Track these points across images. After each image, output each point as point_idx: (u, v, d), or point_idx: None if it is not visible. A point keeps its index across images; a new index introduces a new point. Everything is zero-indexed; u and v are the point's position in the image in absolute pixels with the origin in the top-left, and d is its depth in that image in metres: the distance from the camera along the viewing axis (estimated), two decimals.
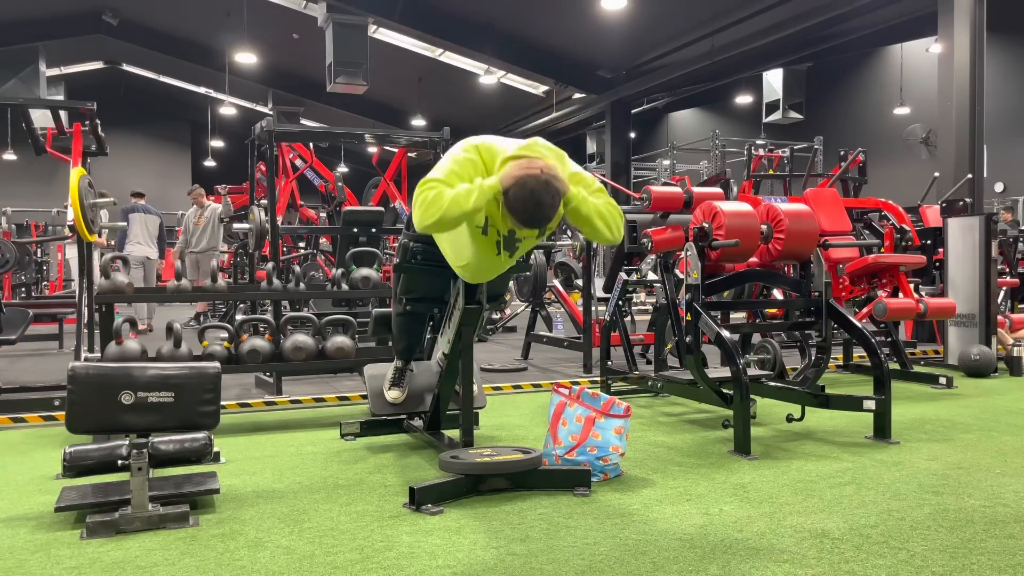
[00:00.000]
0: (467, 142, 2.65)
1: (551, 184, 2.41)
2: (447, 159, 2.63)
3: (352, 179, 9.27)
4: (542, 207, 2.41)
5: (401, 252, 3.30)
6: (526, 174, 2.39)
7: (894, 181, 13.37)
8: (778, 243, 3.91)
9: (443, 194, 2.40)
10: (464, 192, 2.41)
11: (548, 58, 14.64)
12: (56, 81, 18.03)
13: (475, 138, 2.68)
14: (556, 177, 2.44)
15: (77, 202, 4.04)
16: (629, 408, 2.99)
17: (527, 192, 2.39)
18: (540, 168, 2.41)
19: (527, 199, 2.39)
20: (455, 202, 2.39)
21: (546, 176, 2.40)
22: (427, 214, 2.40)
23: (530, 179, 2.38)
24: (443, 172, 2.52)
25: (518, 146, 2.59)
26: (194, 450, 2.63)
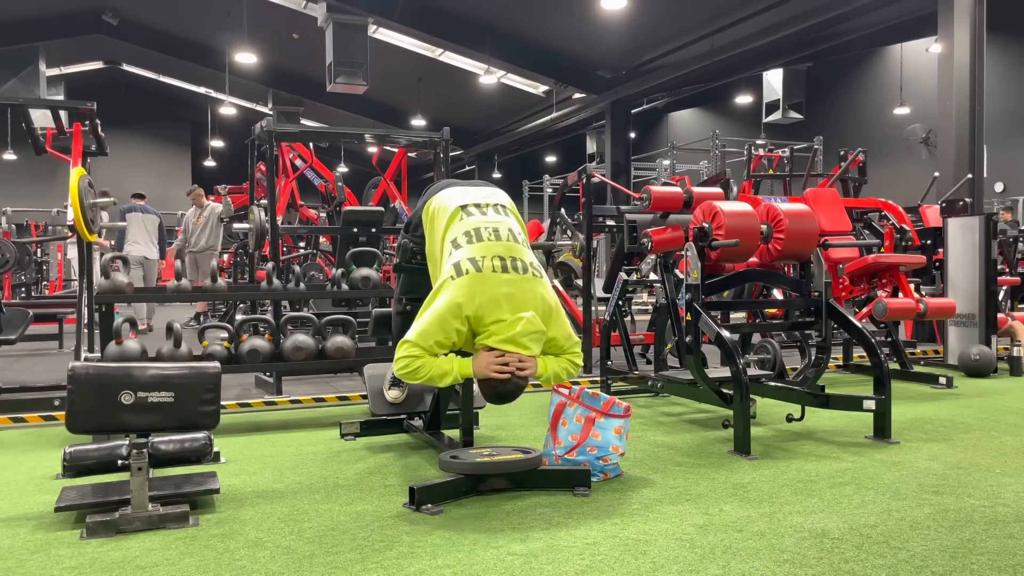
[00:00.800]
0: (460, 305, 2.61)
1: (519, 386, 2.68)
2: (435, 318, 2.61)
3: (352, 179, 9.26)
4: (505, 399, 2.72)
5: (401, 252, 3.30)
6: (496, 378, 2.62)
7: (894, 181, 13.37)
8: (778, 243, 3.91)
9: (424, 366, 2.64)
10: (440, 373, 2.67)
11: (548, 58, 14.65)
12: (56, 81, 18.04)
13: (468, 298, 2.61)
14: (524, 377, 2.66)
15: (77, 202, 4.04)
16: (629, 408, 2.99)
17: (495, 393, 2.68)
18: (512, 371, 2.62)
19: (494, 396, 2.70)
20: (431, 378, 2.67)
21: (515, 382, 2.65)
22: (406, 377, 2.67)
23: (499, 384, 2.64)
24: (426, 340, 2.61)
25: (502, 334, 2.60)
26: (194, 450, 2.63)
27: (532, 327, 2.64)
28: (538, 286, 2.72)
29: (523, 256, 2.77)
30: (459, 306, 2.61)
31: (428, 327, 2.63)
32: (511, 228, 2.85)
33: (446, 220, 2.87)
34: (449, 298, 2.63)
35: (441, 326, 2.62)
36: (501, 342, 2.61)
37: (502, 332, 2.61)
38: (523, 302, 2.66)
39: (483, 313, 2.62)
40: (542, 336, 2.69)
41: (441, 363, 2.67)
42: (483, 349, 2.65)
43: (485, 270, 2.66)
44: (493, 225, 2.82)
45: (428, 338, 2.62)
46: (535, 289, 2.70)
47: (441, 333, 2.62)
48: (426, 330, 2.63)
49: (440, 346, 2.65)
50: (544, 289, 2.74)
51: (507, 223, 2.86)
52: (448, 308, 2.62)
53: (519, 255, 2.76)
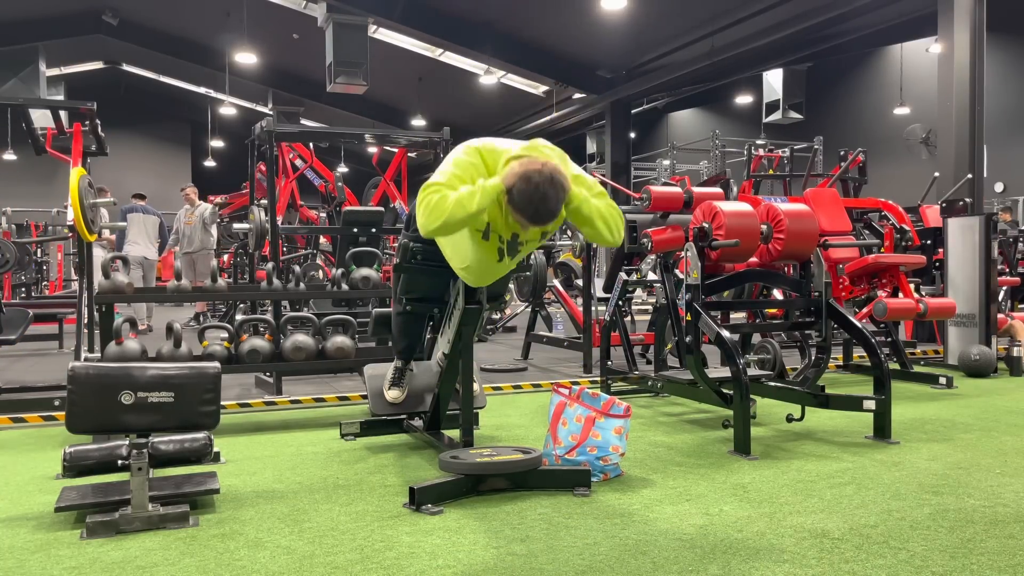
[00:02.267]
0: (467, 145, 2.64)
1: (555, 179, 2.40)
2: (448, 162, 2.61)
3: (352, 179, 9.27)
4: (547, 201, 2.40)
5: (401, 252, 3.30)
6: (530, 169, 2.39)
7: (894, 181, 13.37)
8: (778, 243, 3.91)
9: (447, 197, 2.40)
10: (467, 194, 2.40)
11: (548, 58, 14.64)
12: (56, 81, 18.04)
13: (475, 140, 2.67)
14: (560, 172, 2.44)
15: (77, 202, 4.05)
16: (629, 408, 2.99)
17: (532, 187, 2.38)
18: (543, 163, 2.41)
19: (532, 194, 2.38)
20: (459, 204, 2.38)
21: (550, 171, 2.40)
22: (431, 218, 2.40)
23: (534, 174, 2.38)
24: (444, 176, 2.51)
25: (520, 146, 2.59)
26: (194, 450, 2.63)
27: (550, 147, 2.59)
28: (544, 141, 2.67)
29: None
30: (467, 145, 2.60)
31: (445, 168, 2.56)
32: None
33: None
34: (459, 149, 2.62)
35: (456, 164, 2.55)
36: (524, 150, 2.53)
37: (523, 149, 2.54)
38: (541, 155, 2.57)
39: (494, 145, 2.59)
40: (563, 157, 2.60)
41: (463, 191, 2.43)
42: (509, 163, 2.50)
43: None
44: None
45: (446, 175, 2.51)
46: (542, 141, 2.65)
47: (458, 168, 2.53)
48: (444, 170, 2.55)
49: (460, 180, 2.49)
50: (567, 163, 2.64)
51: None
52: (461, 151, 2.60)
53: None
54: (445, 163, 2.64)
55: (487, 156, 2.57)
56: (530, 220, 2.45)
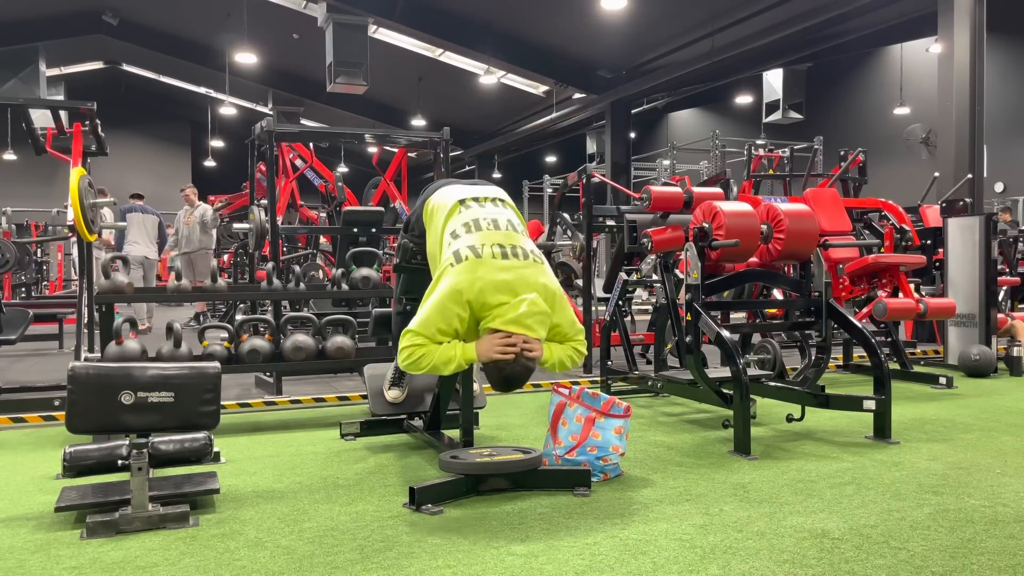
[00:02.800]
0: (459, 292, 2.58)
1: (527, 367, 2.61)
2: (435, 307, 2.59)
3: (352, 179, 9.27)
4: (514, 385, 2.65)
5: (401, 252, 3.30)
6: (502, 359, 2.56)
7: (894, 181, 13.37)
8: (778, 243, 3.91)
9: (428, 354, 2.60)
10: (444, 360, 2.61)
11: (548, 58, 14.64)
12: (56, 81, 18.04)
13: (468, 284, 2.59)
14: (532, 359, 2.60)
15: (77, 202, 4.04)
16: (629, 408, 2.99)
17: (502, 376, 2.61)
18: (517, 352, 2.56)
19: (501, 380, 2.62)
20: (435, 367, 2.63)
21: (522, 363, 2.58)
22: (411, 368, 2.64)
23: (506, 365, 2.57)
24: (428, 328, 2.58)
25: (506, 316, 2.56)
26: (194, 450, 2.63)
27: (536, 308, 2.60)
28: (539, 272, 2.69)
29: (522, 243, 2.74)
30: (459, 292, 2.58)
31: (429, 315, 2.60)
32: (510, 219, 2.83)
33: (445, 214, 2.85)
34: (449, 284, 2.60)
35: (442, 313, 2.59)
36: (505, 323, 2.56)
37: (506, 314, 2.57)
38: (525, 287, 2.62)
39: (484, 298, 2.58)
40: (547, 319, 2.64)
41: (444, 350, 2.61)
42: (487, 332, 2.60)
43: (485, 256, 2.64)
44: (492, 216, 2.80)
45: (430, 326, 2.59)
46: (537, 274, 2.67)
47: (442, 320, 2.58)
48: (427, 318, 2.59)
49: (442, 333, 2.60)
50: (546, 275, 2.70)
51: (506, 214, 2.85)
52: (448, 295, 2.59)
53: (518, 243, 2.73)
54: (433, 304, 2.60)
55: (475, 306, 2.60)
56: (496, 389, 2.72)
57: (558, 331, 2.72)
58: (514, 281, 2.61)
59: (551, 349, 2.71)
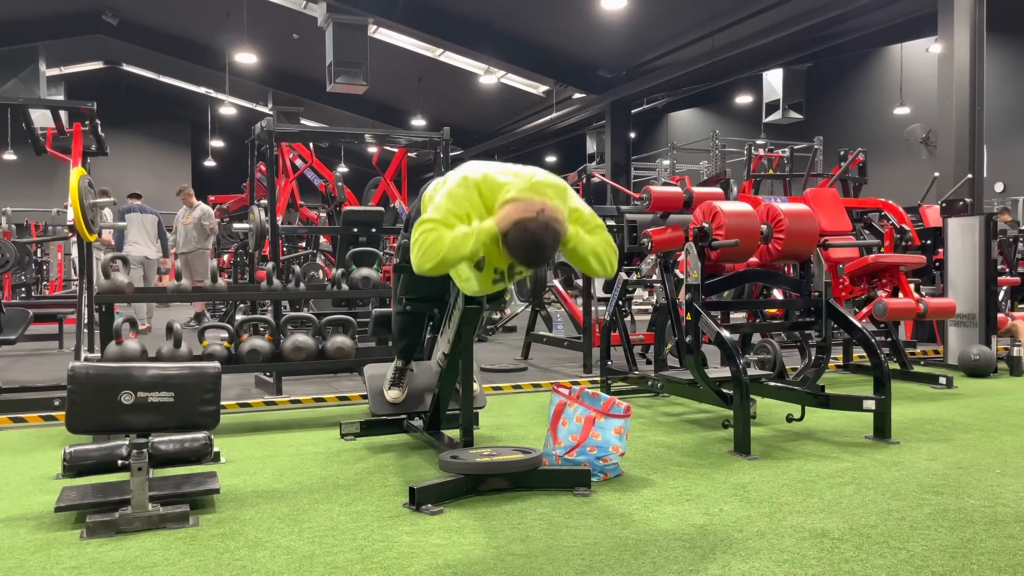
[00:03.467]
0: (465, 175, 2.57)
1: (550, 226, 2.39)
2: (444, 195, 2.56)
3: (352, 179, 9.27)
4: (541, 249, 2.41)
5: (401, 252, 3.30)
6: (525, 217, 2.37)
7: (894, 181, 13.37)
8: (778, 243, 3.91)
9: (442, 238, 2.41)
10: (462, 236, 2.42)
11: (548, 58, 14.64)
12: (56, 81, 18.03)
13: (473, 170, 2.61)
14: (556, 219, 2.42)
15: (77, 202, 4.04)
16: (629, 408, 2.99)
17: (527, 235, 2.38)
18: (539, 210, 2.38)
19: (527, 242, 2.38)
20: (453, 247, 2.40)
21: (546, 218, 2.38)
22: (425, 258, 2.42)
23: (530, 222, 2.36)
24: (440, 212, 2.48)
25: (519, 185, 2.52)
26: (194, 450, 2.63)
27: (550, 180, 2.55)
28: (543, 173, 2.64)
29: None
30: (465, 178, 2.55)
31: (440, 203, 2.52)
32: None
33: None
34: (454, 177, 2.59)
35: (452, 199, 2.51)
36: (521, 191, 2.47)
37: (520, 184, 2.50)
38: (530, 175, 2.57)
39: (493, 179, 2.54)
40: (563, 193, 2.57)
41: (459, 232, 2.44)
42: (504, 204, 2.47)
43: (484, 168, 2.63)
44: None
45: (442, 210, 2.49)
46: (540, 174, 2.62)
47: (454, 204, 2.49)
48: (439, 205, 2.52)
49: (456, 217, 2.47)
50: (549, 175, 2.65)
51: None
52: (456, 182, 2.56)
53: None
54: (441, 193, 2.59)
55: (484, 189, 2.52)
56: (524, 264, 2.51)
57: (579, 216, 2.59)
58: (518, 171, 2.59)
59: (579, 234, 2.54)
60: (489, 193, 2.51)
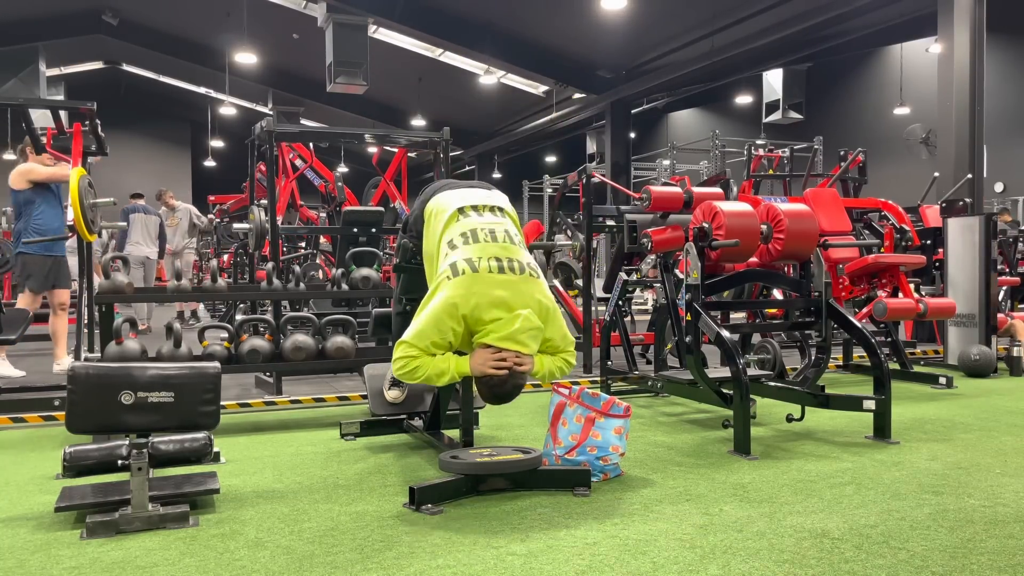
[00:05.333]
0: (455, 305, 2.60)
1: (517, 384, 2.68)
2: (431, 320, 2.62)
3: (352, 179, 9.27)
4: (504, 399, 2.72)
5: (401, 252, 3.30)
6: (494, 375, 2.62)
7: (894, 181, 13.37)
8: (778, 243, 3.91)
9: (422, 367, 2.66)
10: (437, 373, 2.67)
11: (548, 58, 14.64)
12: (56, 81, 18.04)
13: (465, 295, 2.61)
14: (522, 372, 2.66)
15: (77, 202, 4.05)
16: (629, 408, 2.99)
17: (491, 391, 2.68)
18: (509, 367, 2.61)
19: (489, 396, 2.70)
20: (428, 379, 2.69)
21: (513, 378, 2.64)
22: (404, 377, 2.69)
23: (497, 380, 2.63)
24: (423, 341, 2.63)
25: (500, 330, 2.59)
26: (194, 450, 2.63)
27: (530, 324, 2.64)
28: (535, 287, 2.72)
29: (520, 257, 2.77)
30: (455, 306, 2.61)
31: (424, 327, 2.64)
32: (507, 230, 2.85)
33: (444, 222, 2.87)
34: (445, 298, 2.62)
35: (437, 326, 2.62)
36: (499, 340, 2.61)
37: (500, 330, 2.61)
38: (520, 302, 2.65)
39: (480, 313, 2.62)
40: (539, 333, 2.69)
41: (438, 362, 2.67)
42: (480, 347, 2.65)
43: (482, 270, 2.66)
44: (490, 227, 2.82)
45: (424, 338, 2.63)
46: (532, 289, 2.70)
47: (437, 333, 2.63)
48: (422, 330, 2.64)
49: (436, 346, 2.65)
50: (541, 289, 2.74)
51: (504, 225, 2.87)
52: (444, 308, 2.62)
53: (516, 256, 2.76)
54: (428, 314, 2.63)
55: (470, 320, 2.63)
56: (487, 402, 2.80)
57: (550, 344, 2.77)
58: (509, 297, 2.65)
59: (542, 361, 2.77)
60: (473, 324, 2.65)
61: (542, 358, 2.78)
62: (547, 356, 2.79)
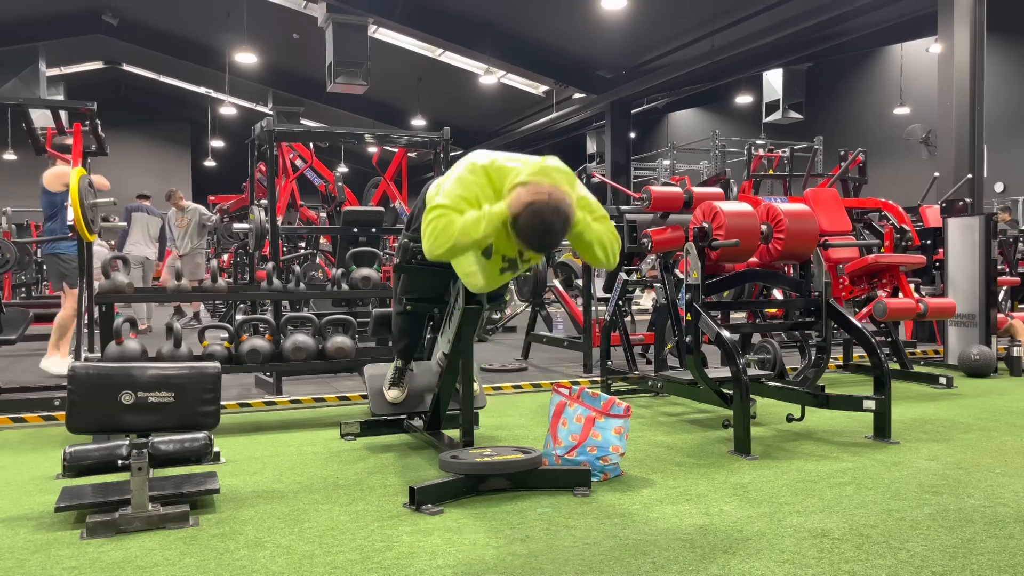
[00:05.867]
0: (473, 162, 2.59)
1: (560, 209, 2.38)
2: (452, 181, 2.58)
3: (352, 179, 9.27)
4: (552, 232, 2.40)
5: (401, 252, 3.30)
6: (536, 199, 2.35)
7: (894, 181, 13.37)
8: (778, 243, 3.91)
9: (453, 223, 2.42)
10: (472, 221, 2.42)
11: (548, 58, 14.64)
12: (56, 81, 18.04)
13: (481, 156, 2.62)
14: (566, 202, 2.40)
15: (77, 202, 4.04)
16: (629, 408, 2.99)
17: (537, 219, 2.36)
18: (549, 192, 2.37)
19: (537, 225, 2.37)
20: (464, 231, 2.41)
21: (556, 201, 2.37)
22: (437, 243, 2.43)
23: (540, 205, 2.35)
24: (450, 198, 2.49)
25: (529, 169, 2.51)
26: (194, 450, 2.63)
27: (558, 164, 2.54)
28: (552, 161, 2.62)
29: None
30: (474, 163, 2.57)
31: (450, 188, 2.54)
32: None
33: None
34: (461, 164, 2.59)
35: (461, 183, 2.53)
36: (531, 175, 2.45)
37: (529, 169, 2.50)
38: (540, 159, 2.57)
39: (500, 164, 2.54)
40: (571, 178, 2.56)
41: (470, 215, 2.45)
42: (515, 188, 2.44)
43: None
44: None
45: (452, 195, 2.50)
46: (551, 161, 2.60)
47: (464, 189, 2.50)
48: (449, 191, 2.53)
49: (466, 202, 2.48)
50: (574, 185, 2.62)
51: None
52: (464, 168, 2.57)
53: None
54: (449, 180, 2.60)
55: (493, 175, 2.53)
56: (534, 249, 2.48)
57: (586, 203, 2.60)
58: (526, 158, 2.60)
59: (586, 220, 2.54)
60: (498, 178, 2.51)
61: (585, 217, 2.53)
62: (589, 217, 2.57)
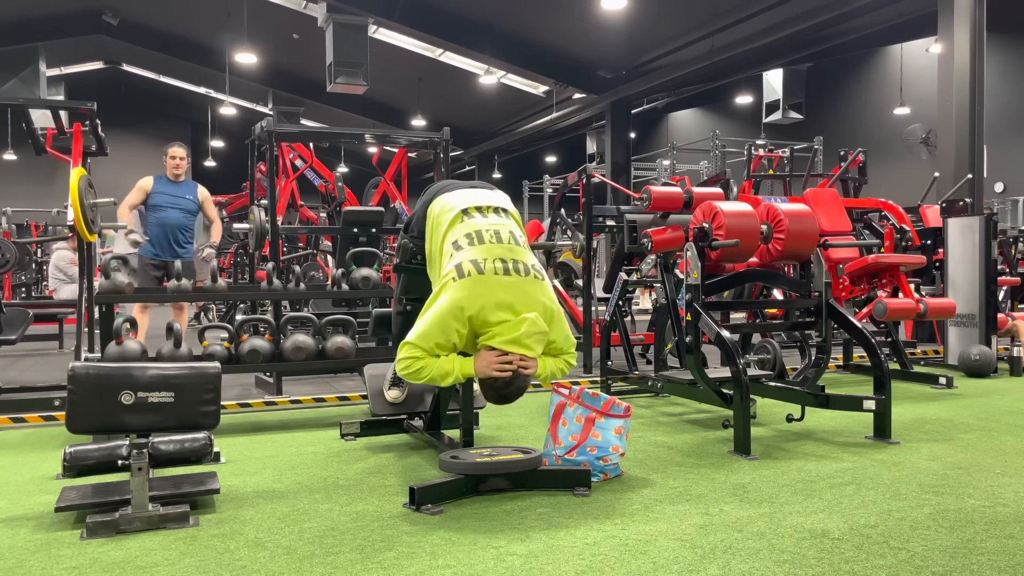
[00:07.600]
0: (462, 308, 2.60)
1: (517, 384, 2.67)
2: (436, 320, 2.61)
3: (352, 179, 9.26)
4: (507, 399, 2.73)
5: (401, 252, 3.30)
6: (499, 377, 2.63)
7: (894, 181, 13.37)
8: (778, 243, 3.91)
9: (425, 368, 2.65)
10: (441, 373, 2.67)
11: (548, 58, 14.64)
12: (56, 81, 18.01)
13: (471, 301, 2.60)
14: (526, 376, 2.67)
15: (77, 202, 4.04)
16: (629, 408, 2.99)
17: (496, 393, 2.70)
18: (514, 370, 2.62)
19: (494, 395, 2.71)
20: (432, 378, 2.68)
21: (518, 380, 2.65)
22: (408, 378, 2.70)
23: (500, 381, 2.64)
24: (428, 342, 2.62)
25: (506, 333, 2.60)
26: (194, 450, 2.63)
27: (536, 328, 2.64)
28: (539, 288, 2.72)
29: (524, 258, 2.77)
30: (461, 308, 2.61)
31: (429, 328, 2.63)
32: (512, 231, 2.84)
33: (448, 222, 2.86)
34: (450, 299, 2.62)
35: (442, 327, 2.62)
36: (505, 343, 2.61)
37: (505, 333, 2.61)
38: (525, 304, 2.65)
39: (485, 315, 2.62)
40: (545, 337, 2.69)
41: (442, 363, 2.67)
42: (485, 349, 2.65)
43: (487, 272, 2.65)
44: (495, 228, 2.81)
45: (429, 339, 2.62)
46: (536, 291, 2.70)
47: (442, 335, 2.62)
48: (427, 331, 2.63)
49: (441, 347, 2.64)
50: (545, 291, 2.74)
51: (508, 225, 2.86)
52: (449, 310, 2.61)
53: (520, 257, 2.75)
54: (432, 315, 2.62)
55: (476, 322, 2.63)
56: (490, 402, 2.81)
57: (552, 346, 2.78)
58: (515, 300, 2.64)
59: (544, 362, 2.78)
60: (479, 326, 2.65)
61: (544, 360, 2.78)
62: (549, 358, 2.80)
